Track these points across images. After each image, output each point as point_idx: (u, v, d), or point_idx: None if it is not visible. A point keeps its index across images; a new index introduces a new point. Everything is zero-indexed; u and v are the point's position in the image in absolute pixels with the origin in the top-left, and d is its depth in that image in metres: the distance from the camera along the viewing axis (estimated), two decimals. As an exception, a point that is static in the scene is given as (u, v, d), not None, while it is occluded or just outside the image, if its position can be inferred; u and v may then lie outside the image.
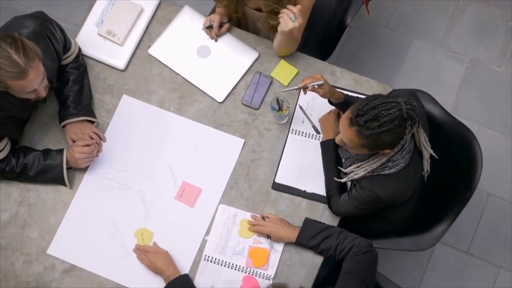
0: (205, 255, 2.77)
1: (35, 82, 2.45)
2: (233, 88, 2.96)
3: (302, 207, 2.82)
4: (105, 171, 2.88)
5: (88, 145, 2.80)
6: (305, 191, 2.83)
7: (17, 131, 2.83)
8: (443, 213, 2.85)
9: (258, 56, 3.00)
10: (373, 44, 3.94)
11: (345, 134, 2.40)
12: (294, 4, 2.83)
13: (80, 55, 2.94)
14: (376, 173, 2.53)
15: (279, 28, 2.71)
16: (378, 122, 2.31)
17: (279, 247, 2.76)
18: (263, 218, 2.76)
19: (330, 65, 3.00)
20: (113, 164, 2.89)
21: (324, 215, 2.81)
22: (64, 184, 2.83)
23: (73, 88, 2.86)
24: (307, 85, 2.66)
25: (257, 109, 2.94)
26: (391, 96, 2.44)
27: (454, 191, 2.86)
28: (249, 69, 2.99)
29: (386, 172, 2.51)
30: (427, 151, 2.57)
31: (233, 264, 2.76)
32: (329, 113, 2.86)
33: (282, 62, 2.98)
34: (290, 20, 2.65)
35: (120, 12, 3.03)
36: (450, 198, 2.86)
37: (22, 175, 2.81)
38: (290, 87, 2.83)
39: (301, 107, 2.92)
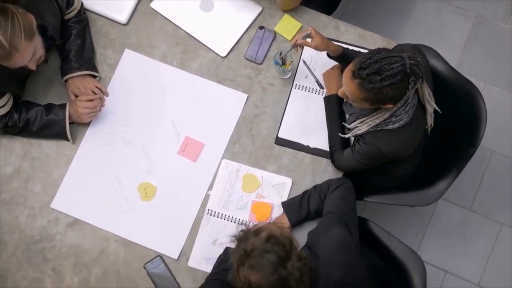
0: (208, 210, 2.78)
1: (21, 61, 2.45)
2: (236, 43, 2.94)
3: (305, 162, 2.82)
4: (107, 125, 2.88)
5: (91, 100, 2.80)
6: (308, 146, 2.83)
7: (19, 87, 2.82)
8: (446, 169, 2.85)
9: (262, 10, 2.97)
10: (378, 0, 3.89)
11: (347, 86, 2.39)
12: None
13: (82, 9, 2.91)
14: (379, 128, 2.52)
15: None
16: (381, 76, 2.30)
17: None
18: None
19: (334, 19, 2.97)
20: (116, 119, 2.88)
21: (327, 170, 2.81)
22: (67, 139, 2.83)
23: (75, 42, 2.84)
24: (297, 41, 2.64)
25: (260, 63, 2.92)
26: (396, 51, 2.42)
27: (458, 147, 2.86)
28: (252, 23, 2.96)
29: (390, 127, 2.50)
30: (431, 106, 2.56)
31: (236, 218, 2.77)
32: (332, 68, 2.84)
33: (286, 17, 2.95)
34: None
35: (122, -35, 2.99)
36: (454, 154, 2.86)
37: (24, 130, 2.81)
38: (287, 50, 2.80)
39: (304, 62, 2.90)
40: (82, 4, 2.91)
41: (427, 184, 2.88)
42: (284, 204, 2.72)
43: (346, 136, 2.66)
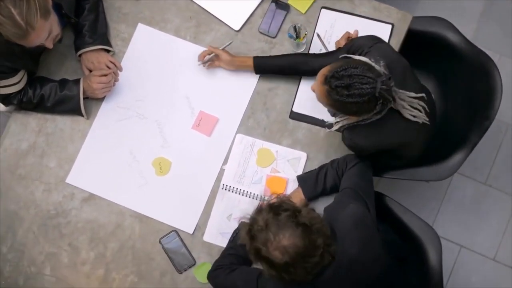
0: (223, 184, 2.78)
1: (38, 40, 2.44)
2: (250, 16, 2.91)
3: (320, 136, 2.81)
4: (122, 100, 2.87)
5: (105, 75, 2.79)
6: (323, 120, 2.81)
7: (33, 63, 2.82)
8: (461, 143, 2.83)
9: (275, -17, 2.94)
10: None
11: (317, 88, 2.37)
12: None
13: (95, -17, 2.89)
14: (355, 124, 2.49)
15: None
16: (348, 91, 2.27)
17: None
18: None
19: (348, -8, 2.94)
20: (130, 94, 2.88)
21: (342, 144, 2.76)
22: (81, 115, 2.83)
23: (88, 17, 2.83)
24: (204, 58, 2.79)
25: (274, 37, 2.89)
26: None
27: (473, 120, 2.83)
28: (266, -4, 2.94)
29: (363, 123, 2.46)
30: (411, 114, 2.49)
31: (251, 193, 2.77)
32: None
33: (300, -11, 2.93)
34: None
35: None
36: (469, 127, 2.83)
37: (39, 106, 2.81)
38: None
39: (318, 35, 2.87)
40: (95, -22, 2.89)
41: (442, 158, 2.86)
42: (299, 178, 2.71)
43: (328, 130, 2.64)
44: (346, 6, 2.90)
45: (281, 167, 2.78)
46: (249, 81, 2.86)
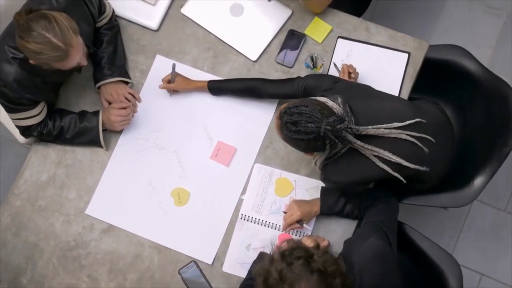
0: (242, 214, 2.78)
1: (77, 56, 2.47)
2: (267, 47, 2.94)
3: (338, 165, 2.81)
4: (140, 131, 2.89)
5: (124, 108, 2.81)
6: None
7: (54, 95, 2.85)
8: (480, 169, 2.83)
9: (292, 13, 2.96)
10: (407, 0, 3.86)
11: (275, 121, 2.41)
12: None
13: (113, 16, 2.92)
14: (326, 162, 2.50)
15: None
16: (296, 128, 2.32)
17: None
18: (284, 213, 2.75)
19: (364, 21, 2.95)
20: (149, 125, 2.90)
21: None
22: (101, 146, 2.85)
23: (107, 49, 2.86)
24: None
25: (291, 67, 2.91)
26: (322, 108, 2.34)
27: (492, 146, 2.83)
28: (282, 27, 2.95)
29: (333, 158, 2.47)
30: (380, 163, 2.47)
31: (269, 222, 2.77)
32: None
33: (316, 19, 2.94)
34: None
35: (152, -29, 3.00)
36: (488, 153, 2.83)
37: (59, 138, 2.84)
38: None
39: (335, 64, 2.89)
40: (113, 11, 2.92)
41: (461, 185, 2.86)
42: (322, 191, 2.71)
43: (312, 165, 2.63)
44: (363, 35, 2.91)
45: (299, 196, 2.78)
46: (267, 111, 2.88)
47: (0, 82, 2.58)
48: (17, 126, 2.80)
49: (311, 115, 2.31)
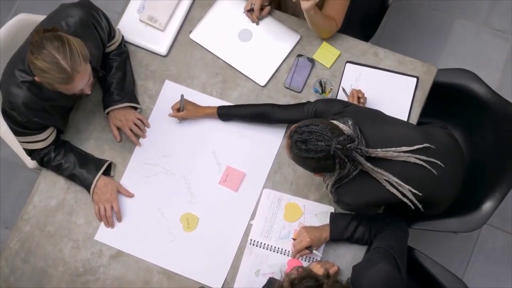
0: (251, 240, 2.77)
1: (81, 84, 2.48)
2: (275, 72, 2.95)
3: (347, 190, 2.80)
4: (149, 156, 2.90)
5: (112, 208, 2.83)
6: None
7: (63, 120, 2.86)
8: (490, 193, 2.81)
9: (300, 38, 2.97)
10: (415, 23, 3.87)
11: (285, 141, 2.42)
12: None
13: (122, 42, 2.94)
14: (338, 184, 2.50)
15: (302, 7, 2.69)
16: (306, 146, 2.32)
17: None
18: (294, 239, 2.75)
19: (373, 46, 2.96)
20: (158, 150, 2.90)
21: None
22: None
23: (116, 75, 2.88)
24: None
25: (299, 92, 2.92)
26: (333, 128, 2.36)
27: (501, 170, 2.82)
28: (291, 52, 2.96)
29: (345, 181, 2.47)
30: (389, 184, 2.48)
31: (279, 248, 2.76)
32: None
33: (324, 44, 2.95)
34: None
35: (161, -3, 3.03)
36: (497, 177, 2.82)
37: (55, 171, 2.86)
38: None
39: (344, 89, 2.89)
40: (123, 37, 2.94)
41: (471, 210, 2.84)
42: (332, 217, 2.70)
43: (324, 189, 2.63)
44: (371, 60, 2.92)
45: (309, 222, 2.77)
46: (276, 136, 2.88)
47: (9, 105, 2.60)
48: (23, 148, 2.81)
49: (322, 133, 2.31)
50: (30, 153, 2.82)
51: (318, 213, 2.78)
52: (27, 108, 2.59)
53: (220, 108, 2.85)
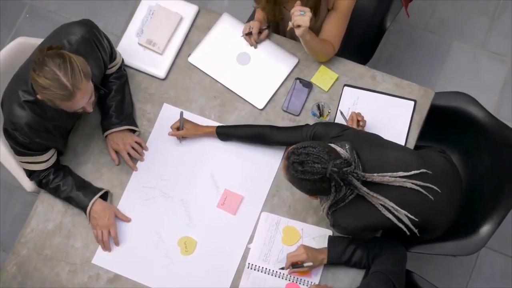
0: (249, 263, 2.77)
1: (82, 101, 2.48)
2: (274, 95, 2.96)
3: (345, 214, 2.80)
4: (147, 180, 2.89)
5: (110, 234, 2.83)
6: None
7: (63, 142, 2.86)
8: (488, 216, 2.81)
9: (298, 62, 2.98)
10: (412, 46, 3.89)
11: (283, 162, 2.43)
12: (333, 7, 2.82)
13: (122, 65, 2.96)
14: (335, 208, 2.51)
15: (296, 34, 2.71)
16: (303, 168, 2.33)
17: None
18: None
19: (370, 69, 2.97)
20: (156, 173, 2.90)
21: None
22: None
23: (115, 98, 2.88)
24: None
25: (297, 115, 2.92)
26: (331, 150, 2.37)
27: (499, 194, 2.82)
28: (289, 75, 2.97)
29: (341, 205, 2.48)
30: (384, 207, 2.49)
31: (277, 272, 2.75)
32: None
33: (322, 68, 2.96)
34: (301, 16, 2.65)
35: (160, 21, 3.04)
36: (495, 200, 2.81)
37: (53, 193, 2.85)
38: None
39: (342, 113, 2.90)
40: (122, 60, 2.96)
41: (469, 233, 2.84)
42: (330, 240, 2.70)
43: (321, 213, 2.64)
44: (368, 83, 2.93)
45: (306, 244, 2.76)
46: (274, 158, 2.88)
47: (11, 125, 2.60)
48: (23, 168, 2.81)
49: (318, 155, 2.32)
50: (30, 174, 2.82)
51: (316, 237, 2.78)
52: (30, 128, 2.60)
53: (219, 127, 2.86)
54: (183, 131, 2.88)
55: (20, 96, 2.56)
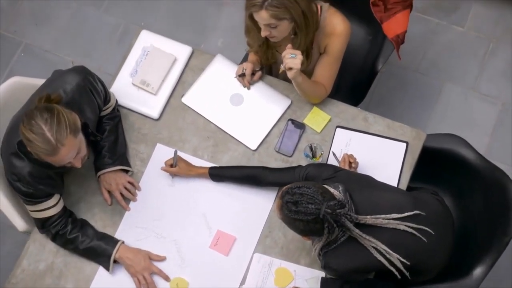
0: (241, 305, 2.76)
1: (67, 157, 2.48)
2: (266, 136, 2.97)
3: (338, 255, 2.79)
4: (140, 220, 2.89)
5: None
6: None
7: (63, 185, 2.85)
8: (480, 259, 2.81)
9: (291, 103, 3.01)
10: (404, 88, 3.93)
11: (276, 202, 2.45)
12: (325, 50, 2.85)
13: (116, 106, 2.97)
14: (326, 250, 2.51)
15: (288, 76, 2.74)
16: (296, 208, 2.34)
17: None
18: None
19: (362, 111, 3.00)
20: (148, 213, 2.90)
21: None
22: (107, 268, 2.81)
23: (108, 138, 2.89)
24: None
25: (290, 156, 2.94)
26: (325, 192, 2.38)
27: (491, 236, 2.82)
28: (281, 116, 2.99)
29: (333, 246, 2.49)
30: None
31: (269, 314, 2.74)
32: None
33: (315, 109, 2.99)
34: (292, 58, 2.68)
35: (154, 61, 3.06)
36: (487, 243, 2.82)
37: (70, 244, 2.80)
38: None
39: (334, 154, 2.91)
40: (116, 101, 2.97)
41: (461, 276, 2.83)
42: (322, 281, 2.69)
43: (313, 253, 2.62)
44: (361, 125, 2.96)
45: (299, 287, 2.75)
46: (267, 199, 2.88)
47: (13, 176, 2.61)
48: (35, 219, 2.77)
49: (313, 196, 2.33)
50: (43, 224, 2.77)
51: (309, 279, 2.77)
52: (32, 177, 2.61)
53: (212, 168, 2.87)
54: (176, 168, 2.89)
55: (16, 147, 2.57)
